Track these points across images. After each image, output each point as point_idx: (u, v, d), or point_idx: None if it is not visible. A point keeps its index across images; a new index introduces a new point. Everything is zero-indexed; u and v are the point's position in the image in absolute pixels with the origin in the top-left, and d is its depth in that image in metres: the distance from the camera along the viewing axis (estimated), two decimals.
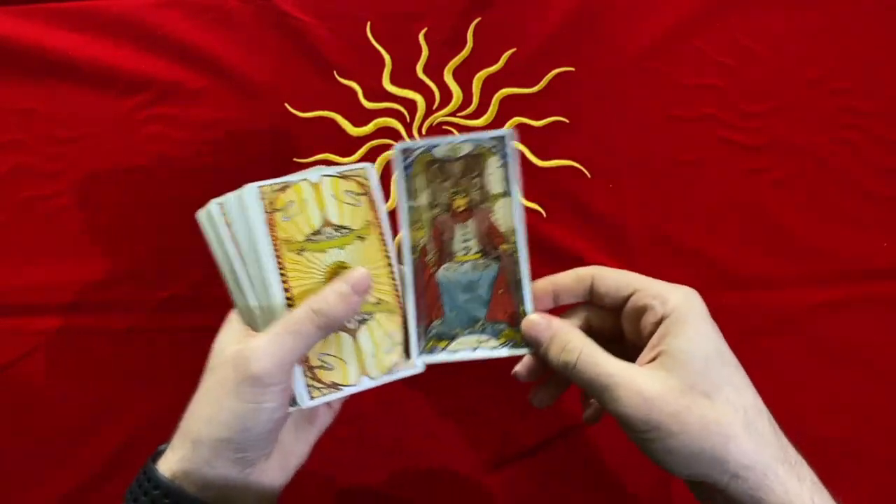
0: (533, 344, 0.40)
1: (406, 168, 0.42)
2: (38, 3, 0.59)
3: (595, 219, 0.56)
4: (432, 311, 0.42)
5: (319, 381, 0.40)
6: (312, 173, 0.42)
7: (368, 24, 0.58)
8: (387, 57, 0.58)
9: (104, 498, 0.53)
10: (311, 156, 0.57)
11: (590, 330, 0.41)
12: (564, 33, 0.58)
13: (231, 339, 0.40)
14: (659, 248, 0.55)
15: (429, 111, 0.58)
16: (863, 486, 0.54)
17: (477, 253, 0.42)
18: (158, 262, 0.56)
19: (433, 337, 0.42)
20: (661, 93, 0.57)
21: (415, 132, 0.58)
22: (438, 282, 0.42)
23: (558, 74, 0.58)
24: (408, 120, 0.58)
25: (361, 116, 0.58)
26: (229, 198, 0.41)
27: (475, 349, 0.42)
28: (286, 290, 0.39)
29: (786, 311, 0.55)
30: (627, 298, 0.40)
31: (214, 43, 0.59)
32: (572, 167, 0.56)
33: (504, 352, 0.41)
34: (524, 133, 0.57)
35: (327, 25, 0.59)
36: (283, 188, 0.40)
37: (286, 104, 0.58)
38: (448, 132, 0.58)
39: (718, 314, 0.54)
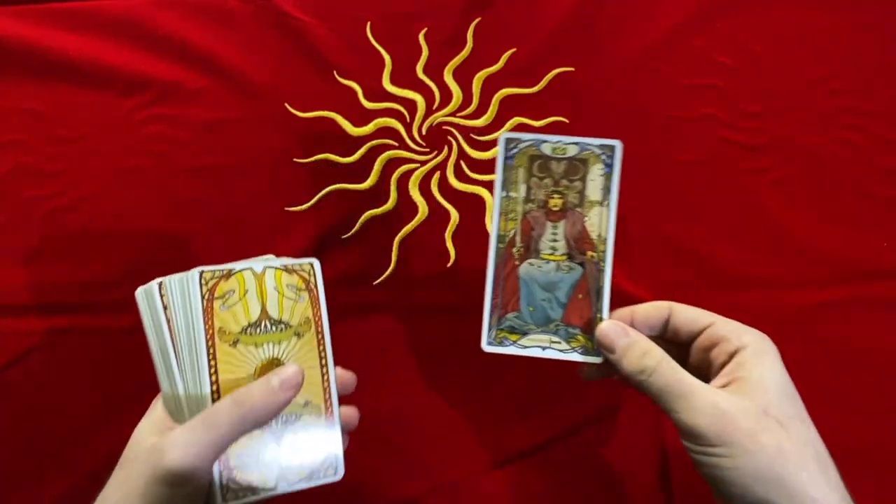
0: (606, 348, 0.40)
1: (508, 158, 0.42)
2: (38, 3, 0.59)
3: None
4: (509, 303, 0.42)
5: (236, 482, 0.38)
6: (257, 263, 0.41)
7: (368, 24, 0.58)
8: (387, 57, 0.58)
9: None
10: (311, 156, 0.57)
11: None
12: (564, 33, 0.58)
13: (150, 430, 0.39)
14: (659, 248, 0.55)
15: (429, 111, 0.58)
16: (863, 486, 0.54)
17: (563, 255, 0.42)
18: (158, 262, 0.56)
19: (506, 329, 0.42)
20: (661, 93, 0.57)
21: (415, 132, 0.58)
22: (519, 275, 0.42)
23: (558, 74, 0.57)
24: (408, 120, 0.58)
25: (361, 116, 0.58)
26: (171, 280, 0.40)
27: (545, 349, 0.42)
28: (213, 382, 0.39)
29: (786, 311, 0.54)
30: (701, 331, 0.40)
31: (214, 43, 0.59)
32: None
33: (574, 356, 0.42)
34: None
35: (327, 25, 0.59)
36: (227, 276, 0.40)
37: (286, 104, 0.58)
38: (448, 132, 0.58)
39: (718, 314, 0.54)
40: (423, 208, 0.57)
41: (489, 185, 0.56)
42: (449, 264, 0.56)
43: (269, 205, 0.57)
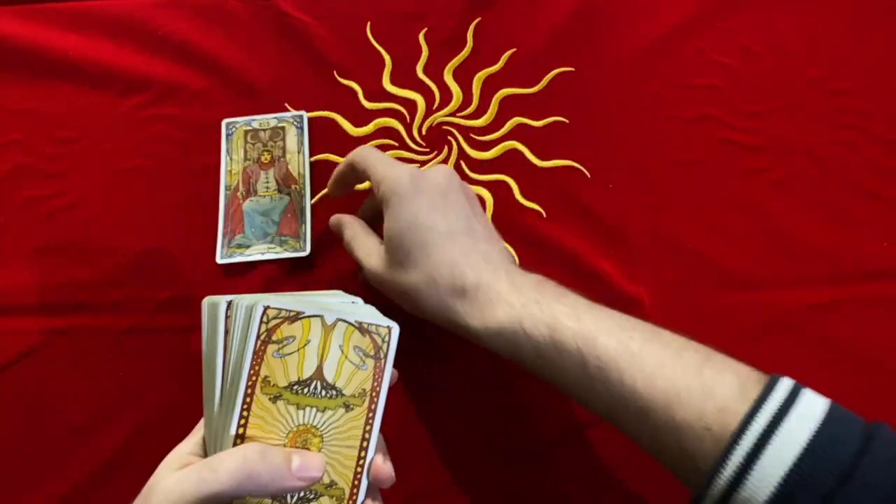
0: (334, 229, 0.51)
1: (229, 135, 0.57)
2: (38, 3, 0.59)
3: (595, 219, 0.56)
4: (236, 229, 0.55)
5: None
6: (330, 312, 0.37)
7: (368, 24, 0.58)
8: (387, 57, 0.58)
9: (104, 498, 0.53)
10: (311, 156, 0.57)
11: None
12: (564, 33, 0.58)
13: (171, 462, 0.36)
14: (659, 248, 0.55)
15: (429, 111, 0.58)
16: None
17: (275, 190, 0.55)
18: (158, 262, 0.56)
19: (234, 246, 0.54)
20: (661, 93, 0.57)
21: (415, 132, 0.58)
22: (244, 210, 0.55)
23: (558, 74, 0.58)
24: (408, 120, 0.58)
25: (361, 116, 0.58)
26: (240, 303, 0.36)
27: (264, 254, 0.54)
28: (240, 434, 0.34)
29: (786, 311, 0.54)
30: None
31: (214, 43, 0.59)
32: (572, 167, 0.56)
33: (286, 255, 0.54)
34: (524, 133, 0.57)
35: (327, 25, 0.59)
36: (293, 319, 0.35)
37: (286, 104, 0.58)
38: (448, 132, 0.58)
39: (718, 314, 0.54)
40: None
41: (490, 185, 0.56)
42: None
43: None
